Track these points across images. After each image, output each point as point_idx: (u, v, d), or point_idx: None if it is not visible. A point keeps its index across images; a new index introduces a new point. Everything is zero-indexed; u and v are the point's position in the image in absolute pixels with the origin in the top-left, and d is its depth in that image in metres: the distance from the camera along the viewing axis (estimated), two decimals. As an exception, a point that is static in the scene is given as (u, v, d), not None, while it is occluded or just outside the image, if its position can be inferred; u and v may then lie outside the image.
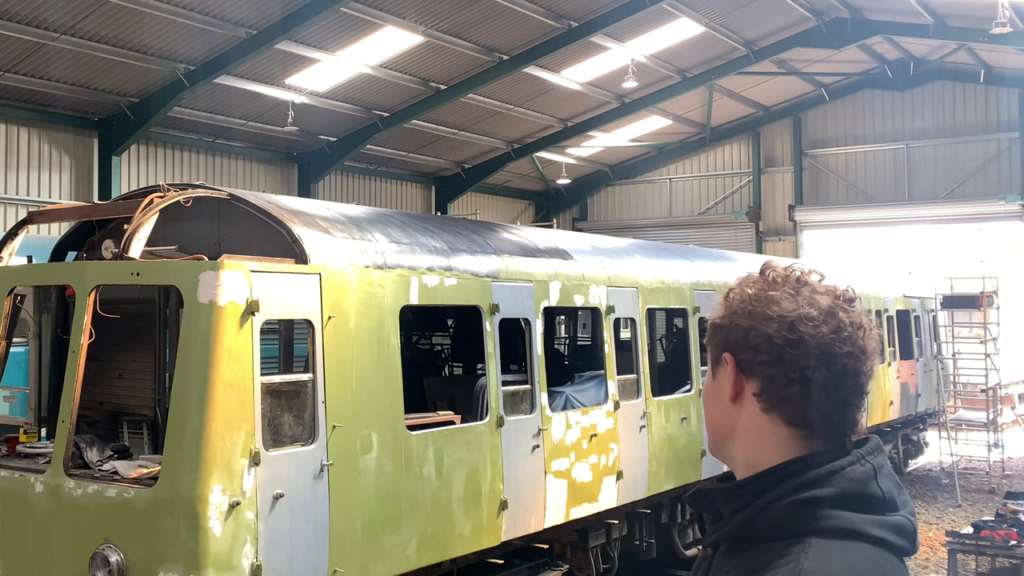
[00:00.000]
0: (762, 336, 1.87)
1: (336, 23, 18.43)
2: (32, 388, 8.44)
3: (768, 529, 1.77)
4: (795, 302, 1.87)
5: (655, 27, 21.68)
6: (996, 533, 11.20)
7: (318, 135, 23.61)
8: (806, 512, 1.75)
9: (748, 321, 1.89)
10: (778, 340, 1.85)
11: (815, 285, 1.91)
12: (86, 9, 16.17)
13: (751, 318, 1.89)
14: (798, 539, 1.73)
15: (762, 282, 1.93)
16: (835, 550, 1.71)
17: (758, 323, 1.88)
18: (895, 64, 27.51)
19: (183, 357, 6.25)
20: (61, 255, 8.40)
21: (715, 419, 1.99)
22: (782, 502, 1.77)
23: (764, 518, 1.78)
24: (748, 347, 1.89)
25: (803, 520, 1.75)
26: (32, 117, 19.21)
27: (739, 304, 1.93)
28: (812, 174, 30.06)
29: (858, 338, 1.86)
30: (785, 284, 1.91)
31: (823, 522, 1.74)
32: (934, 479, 19.00)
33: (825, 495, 1.76)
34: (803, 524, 1.74)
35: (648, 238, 23.49)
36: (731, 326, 1.92)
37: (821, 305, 1.87)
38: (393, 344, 7.51)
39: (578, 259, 10.13)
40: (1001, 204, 26.89)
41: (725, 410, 1.95)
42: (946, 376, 20.50)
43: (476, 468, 8.06)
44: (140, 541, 6.09)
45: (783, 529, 1.76)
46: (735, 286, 1.98)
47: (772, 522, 1.77)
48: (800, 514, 1.75)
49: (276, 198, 7.97)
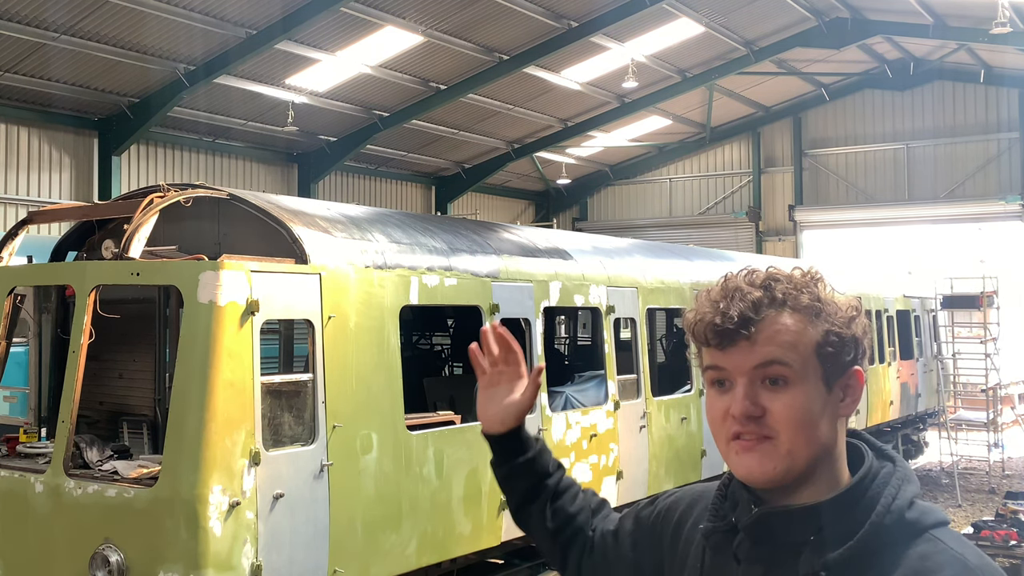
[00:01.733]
0: (865, 341, 1.88)
1: (336, 23, 18.43)
2: (32, 388, 8.44)
3: (893, 535, 1.77)
4: (842, 301, 1.90)
5: (655, 27, 21.68)
6: (996, 533, 11.21)
7: (318, 135, 23.60)
8: (918, 511, 1.80)
9: (858, 329, 1.87)
10: (867, 342, 1.88)
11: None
12: (86, 9, 16.17)
13: (851, 324, 1.86)
14: (920, 537, 1.77)
15: (815, 281, 1.90)
16: (955, 538, 1.79)
17: (858, 328, 1.87)
18: (895, 64, 27.51)
19: (183, 357, 6.25)
20: (61, 255, 8.40)
21: (820, 438, 1.81)
22: (899, 505, 1.79)
23: (890, 525, 1.77)
24: (865, 356, 1.89)
25: (918, 519, 1.79)
26: (32, 117, 19.21)
27: (843, 310, 1.86)
28: (812, 174, 30.06)
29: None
30: (823, 282, 1.92)
31: (930, 516, 1.80)
32: (934, 479, 18.99)
33: (917, 491, 1.84)
34: (919, 522, 1.78)
35: (648, 238, 23.48)
36: (853, 339, 1.85)
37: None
38: (393, 344, 7.51)
39: (578, 259, 10.13)
40: (1001, 204, 26.89)
41: (834, 427, 1.85)
42: (946, 376, 20.49)
43: (476, 468, 8.06)
44: (140, 541, 6.09)
45: (905, 531, 1.77)
46: (816, 286, 1.88)
47: (897, 528, 1.77)
48: (915, 513, 1.79)
49: (276, 198, 7.97)
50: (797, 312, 1.83)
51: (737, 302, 1.83)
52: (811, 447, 1.80)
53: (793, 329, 1.82)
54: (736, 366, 1.83)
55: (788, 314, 1.83)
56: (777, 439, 1.80)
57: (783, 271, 1.90)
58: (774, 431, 1.80)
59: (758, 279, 1.88)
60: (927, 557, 1.72)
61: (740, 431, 1.82)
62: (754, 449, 1.81)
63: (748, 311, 1.82)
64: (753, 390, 1.82)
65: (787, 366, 1.80)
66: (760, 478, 1.81)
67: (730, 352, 1.84)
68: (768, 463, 1.80)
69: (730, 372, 1.84)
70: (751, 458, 1.81)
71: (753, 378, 1.82)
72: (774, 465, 1.80)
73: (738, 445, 1.82)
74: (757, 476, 1.81)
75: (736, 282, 1.88)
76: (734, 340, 1.83)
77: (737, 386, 1.83)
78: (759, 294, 1.84)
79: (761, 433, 1.81)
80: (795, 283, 1.86)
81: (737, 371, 1.83)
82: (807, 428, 1.80)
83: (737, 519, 1.90)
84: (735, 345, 1.83)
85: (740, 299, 1.84)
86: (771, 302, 1.83)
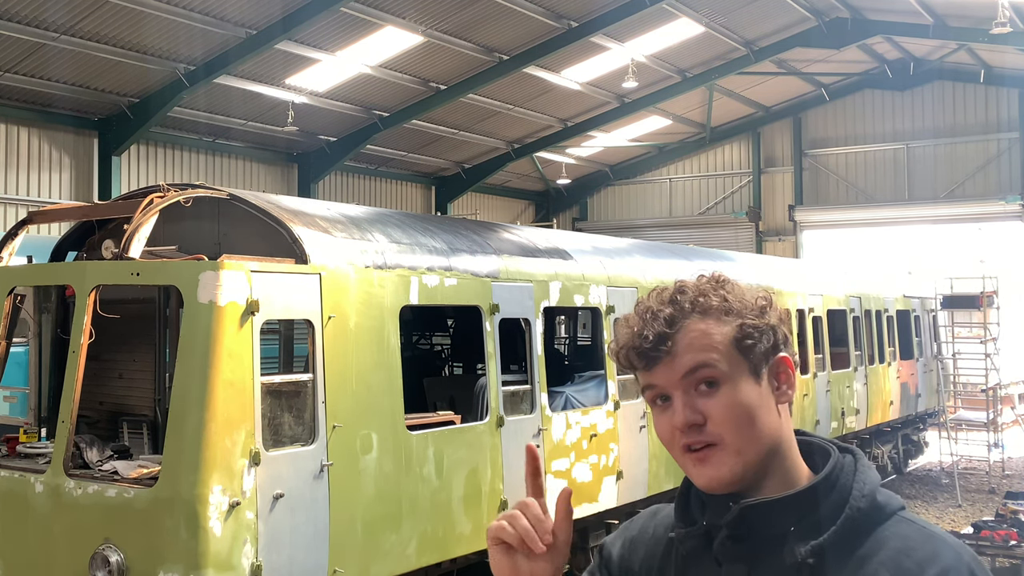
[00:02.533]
0: (782, 328, 1.93)
1: (336, 23, 18.43)
2: (32, 388, 8.44)
3: (871, 518, 1.84)
4: (751, 294, 1.94)
5: (655, 27, 21.68)
6: (996, 533, 11.21)
7: (318, 135, 23.60)
8: (885, 496, 1.87)
9: (772, 317, 1.91)
10: (786, 328, 1.94)
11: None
12: (86, 9, 16.17)
13: (764, 314, 1.90)
14: (892, 519, 1.85)
15: (720, 283, 1.94)
16: (918, 518, 1.88)
17: (772, 316, 1.91)
18: (895, 64, 27.51)
19: (183, 357, 6.25)
20: (61, 255, 8.40)
21: (768, 430, 1.85)
22: (870, 490, 1.85)
23: (866, 509, 1.84)
24: (787, 342, 1.92)
25: (887, 502, 1.86)
26: (32, 117, 19.21)
27: (751, 303, 1.91)
28: (812, 174, 30.06)
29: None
30: (728, 282, 1.96)
31: (895, 500, 1.88)
32: (934, 479, 18.99)
33: (879, 478, 1.91)
34: (889, 505, 1.86)
35: (648, 238, 23.48)
36: (768, 327, 1.89)
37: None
38: (393, 344, 7.51)
39: (578, 259, 10.13)
40: (1001, 204, 26.89)
41: (775, 417, 1.88)
42: (946, 376, 20.50)
43: (476, 468, 8.06)
44: (140, 541, 6.09)
45: (879, 514, 1.84)
46: (722, 287, 1.93)
47: (872, 511, 1.84)
48: (883, 498, 1.86)
49: (276, 198, 7.97)
50: (707, 315, 1.88)
51: (651, 323, 1.89)
52: (759, 441, 1.84)
53: (707, 331, 1.87)
54: (667, 381, 1.88)
55: (699, 319, 1.88)
56: (723, 443, 1.84)
57: (689, 282, 1.95)
58: (717, 436, 1.84)
59: (666, 296, 1.93)
60: (906, 536, 1.81)
61: (688, 442, 1.86)
62: (707, 460, 1.85)
63: (662, 327, 1.87)
64: (689, 398, 1.86)
65: (712, 367, 1.85)
66: (719, 485, 1.85)
67: (657, 370, 1.89)
68: (723, 468, 1.83)
69: (664, 388, 1.89)
70: (707, 469, 1.85)
71: (686, 387, 1.86)
72: (729, 468, 1.83)
73: (692, 458, 1.87)
74: (716, 485, 1.85)
75: (647, 304, 1.94)
76: (657, 358, 1.88)
77: (675, 399, 1.88)
78: (669, 310, 1.89)
79: (706, 441, 1.84)
80: (700, 290, 1.91)
81: (670, 385, 1.88)
82: (748, 424, 1.84)
83: (710, 520, 1.92)
84: (659, 363, 1.88)
85: (652, 319, 1.89)
86: (681, 313, 1.88)
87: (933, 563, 1.75)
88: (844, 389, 15.31)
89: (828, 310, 15.16)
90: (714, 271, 1.98)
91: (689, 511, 1.98)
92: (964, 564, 1.76)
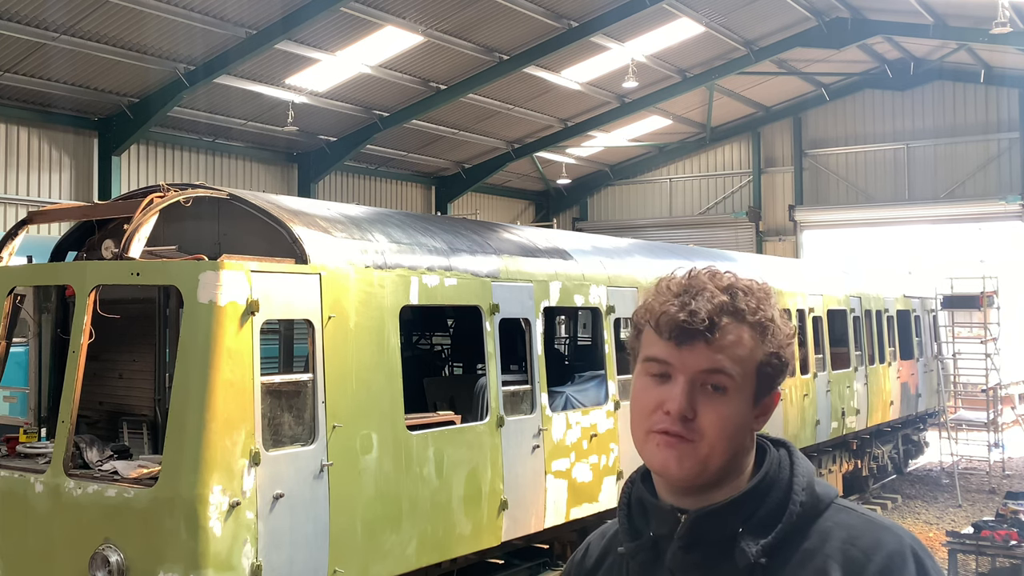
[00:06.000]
0: (791, 366, 1.97)
1: (336, 23, 18.44)
2: (32, 388, 8.43)
3: (812, 510, 1.88)
4: (784, 323, 1.94)
5: (655, 27, 21.68)
6: (996, 533, 11.20)
7: (318, 135, 23.61)
8: (822, 486, 1.92)
9: (790, 354, 1.93)
10: (791, 368, 2.03)
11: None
12: (86, 9, 16.17)
13: (791, 347, 1.93)
14: (830, 508, 1.90)
15: (769, 297, 1.92)
16: (853, 504, 1.95)
17: (790, 352, 1.94)
18: (895, 64, 27.51)
19: (183, 357, 6.24)
20: (61, 255, 8.39)
21: (736, 447, 1.88)
22: (808, 483, 1.90)
23: (807, 502, 1.88)
24: (785, 370, 1.95)
25: (825, 492, 1.91)
26: (32, 117, 19.21)
27: (788, 333, 1.91)
28: (812, 174, 30.07)
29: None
30: (775, 299, 1.96)
31: (831, 489, 1.93)
32: (934, 479, 18.99)
33: (813, 468, 1.97)
34: (827, 495, 1.91)
35: (648, 238, 23.48)
36: (788, 363, 1.91)
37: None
38: (393, 344, 7.51)
39: (578, 259, 10.13)
40: (1001, 204, 26.89)
41: (749, 437, 1.92)
42: (946, 376, 20.49)
43: (476, 468, 8.06)
44: (140, 541, 6.09)
45: (819, 505, 1.89)
46: (770, 301, 1.90)
47: (812, 503, 1.88)
48: (821, 488, 1.92)
49: (276, 198, 7.97)
50: (753, 328, 1.87)
51: (704, 302, 1.85)
52: (726, 455, 1.86)
53: (748, 344, 1.86)
54: (685, 365, 1.85)
55: (747, 328, 1.86)
56: (699, 443, 1.84)
57: (743, 280, 1.91)
58: (698, 435, 1.84)
59: (722, 283, 1.89)
60: (849, 526, 1.86)
61: (668, 428, 1.84)
62: (675, 447, 1.84)
63: (714, 314, 1.84)
64: (693, 392, 1.84)
65: (731, 377, 1.84)
66: (674, 475, 1.85)
67: (684, 350, 1.85)
68: (686, 462, 1.84)
69: (675, 368, 1.86)
70: (670, 454, 1.84)
71: (696, 380, 1.85)
72: (690, 465, 1.84)
73: (661, 439, 1.85)
74: (672, 472, 1.85)
75: (702, 280, 1.89)
76: (694, 340, 1.84)
77: (676, 384, 1.85)
78: (724, 298, 1.86)
79: (686, 436, 1.84)
80: (756, 297, 1.89)
81: (683, 369, 1.85)
82: (729, 438, 1.85)
83: (657, 532, 1.91)
84: (692, 345, 1.85)
85: (707, 300, 1.85)
86: (732, 311, 1.86)
87: (877, 550, 1.80)
88: (844, 389, 15.31)
89: (828, 310, 15.16)
90: (763, 281, 1.96)
91: (634, 524, 1.97)
92: (906, 547, 1.82)
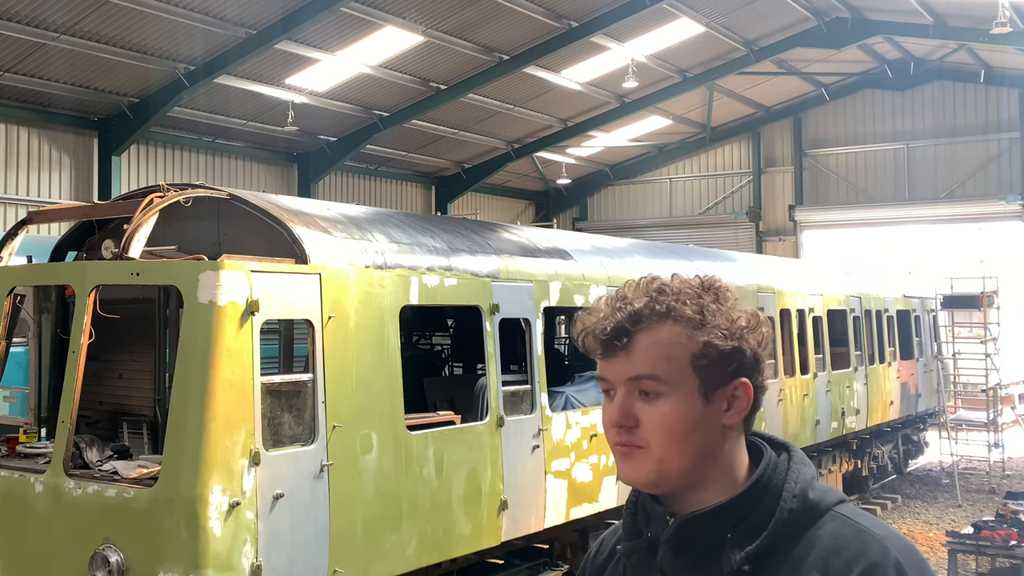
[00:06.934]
0: (760, 354, 1.91)
1: (336, 23, 18.44)
2: (32, 388, 8.43)
3: (802, 518, 1.83)
4: (737, 312, 1.90)
5: (655, 27, 21.68)
6: (996, 533, 11.20)
7: (318, 135, 23.61)
8: (818, 492, 1.87)
9: (749, 342, 1.88)
10: (763, 353, 1.91)
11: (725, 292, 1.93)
12: (86, 9, 16.17)
13: (738, 337, 1.86)
14: (826, 516, 1.84)
15: (708, 290, 1.90)
16: (857, 513, 1.87)
17: (750, 340, 1.88)
18: (895, 64, 27.51)
19: (183, 357, 6.24)
20: (61, 255, 8.39)
21: (701, 446, 1.84)
22: (801, 489, 1.85)
23: (796, 509, 1.83)
24: (757, 368, 1.90)
25: (820, 499, 1.86)
26: (32, 117, 19.20)
27: (729, 322, 1.86)
28: (812, 174, 30.07)
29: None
30: (719, 292, 1.92)
31: (830, 495, 1.87)
32: (934, 479, 18.99)
33: (813, 473, 1.91)
34: (822, 502, 1.85)
35: (648, 238, 23.49)
36: (736, 351, 1.85)
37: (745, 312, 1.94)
38: (393, 344, 7.51)
39: (578, 259, 10.13)
40: (1001, 204, 26.89)
41: (716, 434, 1.87)
42: (946, 376, 20.49)
43: (476, 468, 8.05)
44: (140, 541, 6.09)
45: (811, 513, 1.84)
46: (707, 296, 1.88)
47: (803, 511, 1.84)
48: (816, 494, 1.86)
49: (276, 198, 7.97)
50: (678, 323, 1.85)
51: (617, 313, 1.86)
52: (686, 456, 1.84)
53: (669, 342, 1.84)
54: (616, 376, 1.88)
55: (668, 326, 1.85)
56: (648, 448, 1.85)
57: (675, 281, 1.91)
58: (645, 441, 1.85)
59: (644, 288, 1.90)
60: (837, 535, 1.80)
61: (618, 440, 1.88)
62: (629, 456, 1.87)
63: (625, 322, 1.85)
64: (629, 401, 1.86)
65: (659, 380, 1.84)
66: (635, 482, 1.88)
67: (610, 362, 1.88)
68: (642, 468, 1.85)
69: (612, 382, 1.89)
70: (626, 464, 1.88)
71: (630, 389, 1.86)
72: (647, 471, 1.85)
73: (618, 451, 1.89)
74: (633, 480, 1.88)
75: (623, 291, 1.91)
76: (614, 352, 1.87)
77: (617, 396, 1.88)
78: (639, 304, 1.86)
79: (634, 443, 1.86)
80: (682, 293, 1.87)
81: (617, 381, 1.88)
82: (679, 439, 1.83)
83: (653, 533, 1.92)
84: (615, 356, 1.87)
85: (621, 309, 1.87)
86: (651, 313, 1.85)
87: (859, 561, 1.75)
88: (844, 389, 15.31)
89: (828, 310, 15.16)
90: (710, 276, 1.94)
91: (636, 524, 1.98)
92: (891, 560, 1.75)
